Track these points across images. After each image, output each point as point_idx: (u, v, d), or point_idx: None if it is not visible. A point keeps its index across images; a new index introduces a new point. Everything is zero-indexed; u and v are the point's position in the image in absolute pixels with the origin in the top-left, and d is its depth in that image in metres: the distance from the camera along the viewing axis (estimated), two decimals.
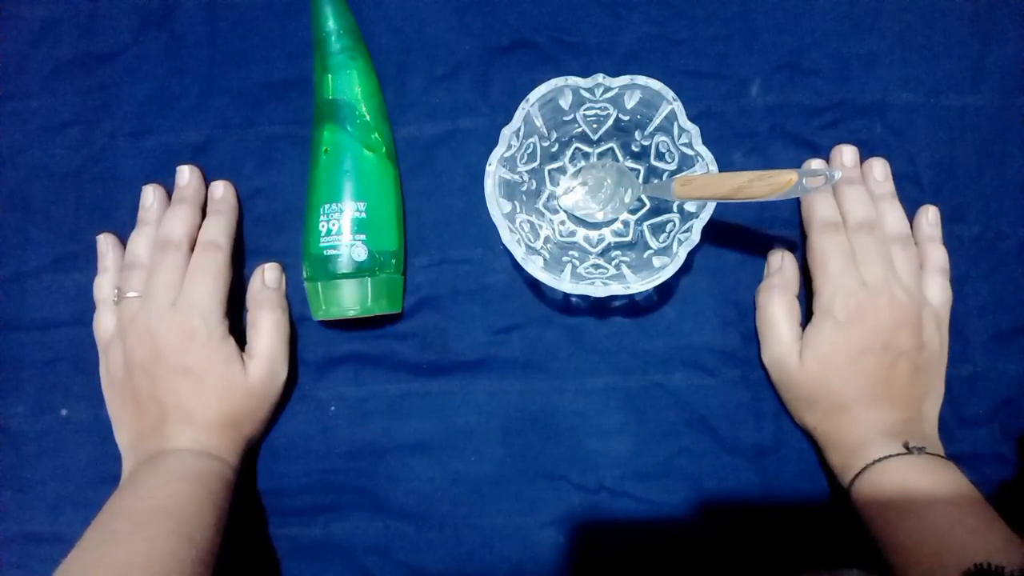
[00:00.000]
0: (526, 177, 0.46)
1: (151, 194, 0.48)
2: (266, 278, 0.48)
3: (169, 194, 0.49)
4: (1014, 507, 0.45)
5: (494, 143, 0.42)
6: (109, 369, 0.46)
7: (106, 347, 0.46)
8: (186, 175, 0.48)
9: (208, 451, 0.43)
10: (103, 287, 0.47)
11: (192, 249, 0.46)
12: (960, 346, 0.47)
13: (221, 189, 0.48)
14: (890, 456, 0.41)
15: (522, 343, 0.48)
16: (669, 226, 0.45)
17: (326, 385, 0.48)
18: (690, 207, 0.43)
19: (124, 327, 0.45)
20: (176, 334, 0.43)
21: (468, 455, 0.47)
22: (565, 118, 0.46)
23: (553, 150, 0.47)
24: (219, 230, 0.46)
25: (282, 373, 0.47)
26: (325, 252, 0.45)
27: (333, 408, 0.48)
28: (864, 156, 0.48)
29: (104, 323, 0.47)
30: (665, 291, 0.48)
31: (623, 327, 0.48)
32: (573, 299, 0.48)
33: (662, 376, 0.48)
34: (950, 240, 0.47)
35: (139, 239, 0.47)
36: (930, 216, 0.47)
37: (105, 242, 0.48)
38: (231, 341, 0.45)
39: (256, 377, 0.45)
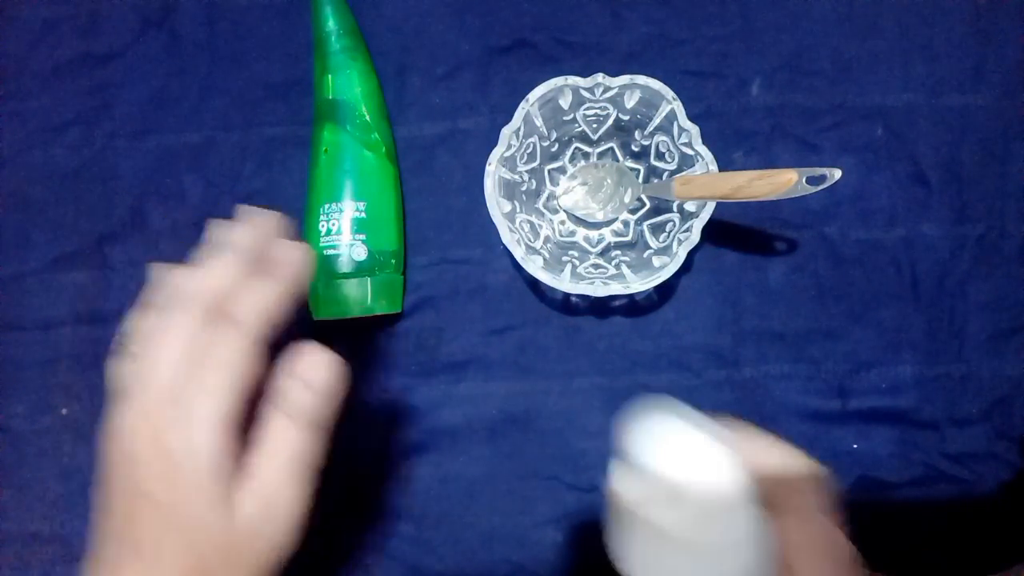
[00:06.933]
0: (526, 177, 0.46)
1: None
2: (308, 376, 0.32)
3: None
4: (1009, 507, 0.45)
5: (494, 143, 0.42)
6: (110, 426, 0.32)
7: (116, 398, 0.32)
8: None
9: None
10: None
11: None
12: (956, 345, 0.47)
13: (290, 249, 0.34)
14: None
15: (522, 343, 0.48)
16: (669, 226, 0.45)
17: None
18: (690, 207, 0.43)
19: (127, 394, 0.31)
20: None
21: (468, 455, 0.47)
22: (565, 118, 0.46)
23: (553, 150, 0.47)
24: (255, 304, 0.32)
25: (284, 516, 0.32)
26: (325, 252, 0.45)
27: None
28: (865, 156, 0.48)
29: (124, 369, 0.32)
30: (665, 291, 0.48)
31: (623, 327, 0.48)
32: (573, 299, 0.48)
33: (648, 376, 0.47)
34: (955, 240, 0.47)
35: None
36: None
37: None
38: (227, 463, 0.30)
39: (244, 515, 0.30)
